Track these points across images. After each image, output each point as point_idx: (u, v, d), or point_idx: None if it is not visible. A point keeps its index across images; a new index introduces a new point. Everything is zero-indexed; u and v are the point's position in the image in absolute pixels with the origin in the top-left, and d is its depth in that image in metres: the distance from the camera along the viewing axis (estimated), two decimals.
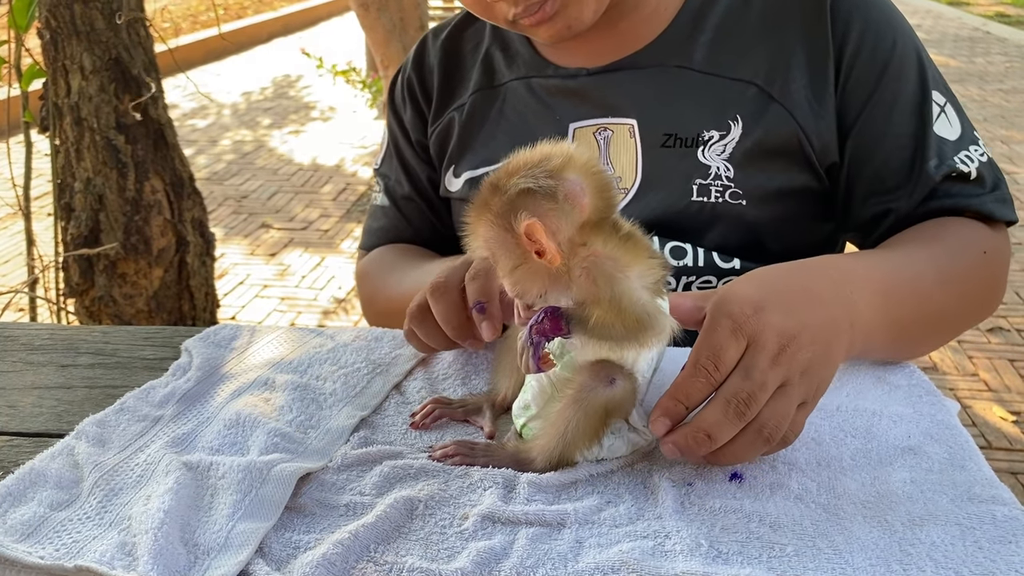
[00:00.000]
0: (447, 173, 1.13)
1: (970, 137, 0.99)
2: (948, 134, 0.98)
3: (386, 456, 0.73)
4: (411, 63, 1.18)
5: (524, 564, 0.60)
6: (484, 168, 1.07)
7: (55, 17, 2.07)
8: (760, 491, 0.68)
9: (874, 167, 0.98)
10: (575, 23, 0.95)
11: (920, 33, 8.07)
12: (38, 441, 0.78)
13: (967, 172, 0.96)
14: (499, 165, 1.05)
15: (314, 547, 0.62)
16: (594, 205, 0.66)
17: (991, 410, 2.73)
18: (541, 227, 0.64)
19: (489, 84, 1.10)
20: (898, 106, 0.97)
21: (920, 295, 0.86)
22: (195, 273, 2.36)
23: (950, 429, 0.77)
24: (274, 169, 5.26)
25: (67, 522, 0.65)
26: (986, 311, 0.99)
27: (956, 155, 0.97)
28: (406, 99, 1.18)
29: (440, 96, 1.14)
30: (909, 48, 0.99)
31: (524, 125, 1.06)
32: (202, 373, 0.86)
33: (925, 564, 0.60)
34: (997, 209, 0.96)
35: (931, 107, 0.98)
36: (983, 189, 0.97)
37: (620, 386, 0.68)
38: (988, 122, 5.99)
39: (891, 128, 0.97)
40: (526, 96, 1.07)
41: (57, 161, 2.20)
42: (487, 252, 0.68)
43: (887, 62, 0.97)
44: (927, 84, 0.98)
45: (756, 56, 0.99)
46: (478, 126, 1.10)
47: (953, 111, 0.99)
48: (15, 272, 3.81)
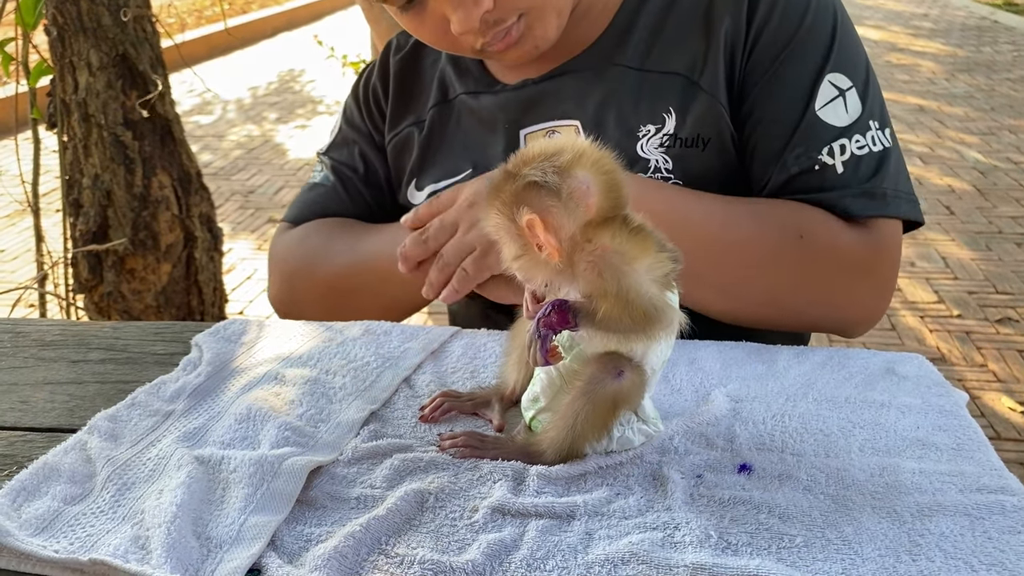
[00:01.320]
0: (408, 186, 1.14)
1: (863, 125, 0.97)
2: (836, 120, 0.96)
3: (396, 449, 0.74)
4: (376, 71, 1.19)
5: (534, 556, 0.61)
6: (446, 181, 1.09)
7: (62, 14, 2.08)
8: (769, 482, 0.69)
9: (752, 149, 1.00)
10: (541, 42, 0.98)
11: (927, 23, 7.99)
12: (51, 436, 0.78)
13: (831, 165, 0.95)
14: (463, 175, 1.08)
15: (326, 540, 0.62)
16: (601, 204, 0.66)
17: (1000, 401, 2.73)
18: (541, 224, 0.64)
19: (444, 99, 1.12)
20: (786, 90, 0.97)
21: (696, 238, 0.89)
22: (203, 268, 2.36)
23: (959, 420, 0.77)
24: (280, 164, 5.27)
25: (81, 516, 0.65)
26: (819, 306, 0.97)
27: (830, 143, 0.95)
28: (371, 105, 1.19)
29: (395, 108, 1.16)
30: (820, 29, 0.98)
31: (480, 138, 1.09)
32: (212, 368, 0.87)
33: (935, 555, 0.60)
34: (855, 205, 0.94)
35: (818, 91, 0.96)
36: (848, 183, 0.95)
37: (628, 378, 0.68)
38: (996, 112, 5.97)
39: (773, 112, 0.98)
40: (478, 110, 1.09)
41: (65, 157, 2.21)
42: (495, 236, 0.69)
43: (786, 44, 0.97)
44: (825, 67, 0.97)
45: (685, 48, 1.01)
46: (438, 140, 1.12)
47: (857, 96, 0.97)
48: (24, 268, 3.82)
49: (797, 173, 0.96)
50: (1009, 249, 3.82)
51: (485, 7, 0.91)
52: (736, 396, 0.81)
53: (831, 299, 0.97)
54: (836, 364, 0.87)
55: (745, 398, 0.81)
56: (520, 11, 0.94)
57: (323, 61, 5.85)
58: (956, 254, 3.77)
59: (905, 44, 8.50)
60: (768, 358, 0.88)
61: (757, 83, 0.98)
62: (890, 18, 10.04)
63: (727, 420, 0.77)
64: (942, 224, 4.05)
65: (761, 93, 0.98)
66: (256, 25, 9.40)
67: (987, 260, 3.72)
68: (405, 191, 1.15)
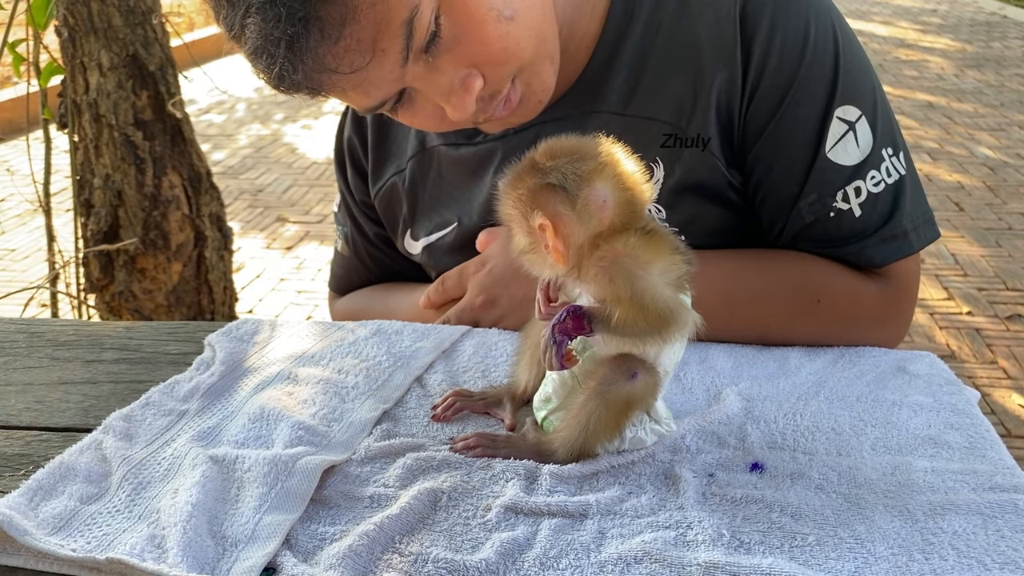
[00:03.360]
0: (405, 236, 1.14)
1: (876, 158, 0.93)
2: (847, 159, 0.92)
3: (409, 448, 0.74)
4: (350, 123, 1.16)
5: (547, 555, 0.61)
6: (439, 233, 1.08)
7: (73, 15, 2.09)
8: (781, 481, 0.69)
9: (763, 198, 0.96)
10: (543, 95, 0.92)
11: (935, 18, 7.95)
12: (66, 436, 0.79)
13: (847, 210, 0.92)
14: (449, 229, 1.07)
15: (340, 539, 0.63)
16: (616, 218, 0.66)
17: (1010, 398, 2.72)
18: (552, 230, 0.64)
19: (422, 148, 1.09)
20: (794, 136, 0.93)
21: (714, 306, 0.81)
22: (213, 267, 2.37)
23: (970, 418, 0.77)
24: (289, 163, 5.28)
25: (97, 515, 0.66)
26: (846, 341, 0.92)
27: (844, 188, 0.92)
28: (347, 161, 1.17)
29: (376, 159, 1.13)
30: (822, 63, 0.93)
31: (462, 189, 1.06)
32: (226, 367, 0.87)
33: (947, 553, 0.60)
34: (877, 254, 0.93)
35: (828, 130, 0.92)
36: (866, 230, 0.92)
37: (641, 380, 0.68)
38: (1005, 108, 5.94)
39: (781, 160, 0.93)
40: (460, 161, 1.06)
41: (76, 158, 2.22)
42: (509, 224, 0.69)
43: (788, 86, 0.92)
44: (832, 104, 0.92)
45: (668, 92, 0.95)
46: (422, 190, 1.10)
47: (867, 125, 0.93)
48: (36, 268, 3.84)
49: (812, 222, 0.93)
50: (1019, 245, 3.80)
51: (476, 89, 0.84)
52: (748, 395, 0.81)
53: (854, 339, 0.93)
54: (847, 362, 0.87)
55: (757, 397, 0.81)
56: (512, 75, 0.87)
57: None
58: (966, 251, 3.76)
59: (914, 40, 8.47)
60: (779, 357, 0.88)
61: (762, 131, 0.93)
62: (898, 13, 10.00)
63: (739, 419, 0.77)
64: (952, 221, 4.04)
65: (767, 141, 0.93)
66: None
67: (997, 256, 3.71)
68: (402, 241, 1.14)
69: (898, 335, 0.98)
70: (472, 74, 0.84)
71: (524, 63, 0.87)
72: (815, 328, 0.92)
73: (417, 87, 0.85)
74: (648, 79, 0.96)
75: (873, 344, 0.92)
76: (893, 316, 0.96)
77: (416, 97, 0.87)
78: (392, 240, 1.18)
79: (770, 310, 0.93)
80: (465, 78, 0.84)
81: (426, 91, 0.85)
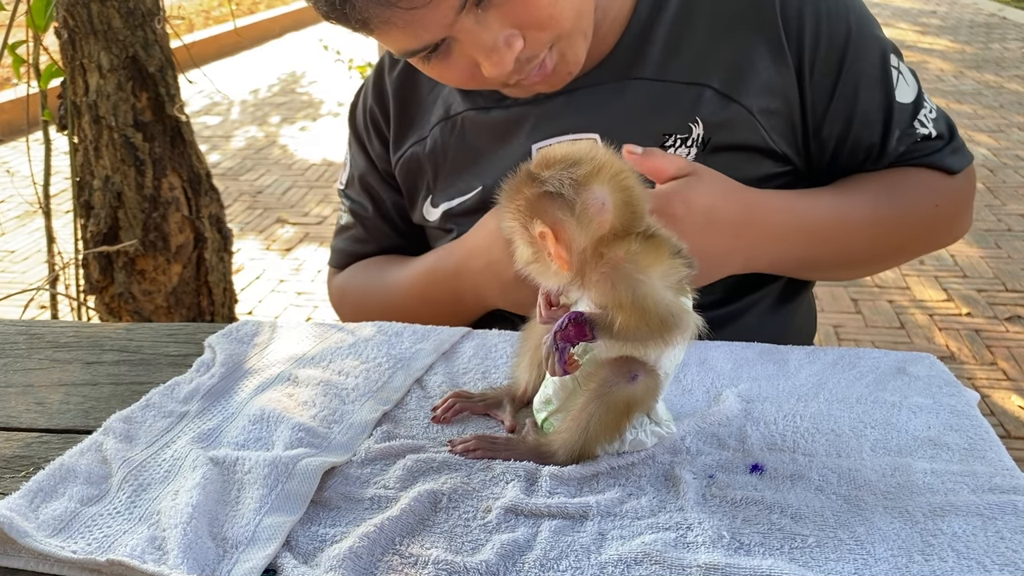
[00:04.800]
0: (424, 203, 1.14)
1: (921, 93, 1.06)
2: (906, 97, 1.04)
3: (409, 450, 0.74)
4: (371, 93, 1.18)
5: (548, 556, 0.61)
6: (459, 199, 1.09)
7: (73, 16, 2.09)
8: (781, 482, 0.69)
9: (848, 148, 1.05)
10: (573, 67, 0.96)
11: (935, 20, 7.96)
12: (66, 437, 0.79)
13: (927, 133, 1.04)
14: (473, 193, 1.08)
15: (340, 540, 0.63)
16: (616, 221, 0.65)
17: (1010, 400, 2.72)
18: (553, 237, 0.64)
19: (447, 115, 1.10)
20: (863, 86, 1.02)
21: (843, 239, 1.01)
22: (213, 269, 2.37)
23: (970, 419, 0.77)
24: (288, 164, 5.28)
25: (98, 517, 0.66)
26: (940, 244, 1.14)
27: (915, 119, 1.04)
28: (370, 130, 1.18)
29: (398, 129, 1.15)
30: (864, 23, 1.03)
31: (489, 153, 1.07)
32: (226, 369, 0.87)
33: (947, 555, 0.60)
34: (955, 162, 1.06)
35: (891, 78, 1.03)
36: (941, 143, 1.05)
37: (642, 382, 0.68)
38: (1005, 108, 5.94)
39: (859, 108, 1.02)
40: (488, 125, 1.07)
41: (76, 159, 2.22)
42: (510, 237, 0.69)
43: (845, 47, 1.01)
44: (886, 54, 1.03)
45: (709, 59, 1.00)
46: (445, 158, 1.11)
47: (907, 69, 1.06)
48: (35, 269, 3.84)
49: (904, 151, 1.04)
50: (1019, 247, 3.81)
51: (517, 49, 0.89)
52: (747, 396, 0.81)
53: (945, 239, 1.13)
54: (847, 364, 0.87)
55: (756, 398, 0.81)
56: (551, 42, 0.92)
57: (330, 62, 5.86)
58: (965, 252, 3.76)
59: (913, 41, 8.47)
60: (779, 358, 0.89)
61: (832, 96, 1.02)
62: (898, 15, 10.00)
63: (739, 420, 0.77)
64: None
65: (840, 104, 1.02)
66: (264, 25, 9.42)
67: (996, 258, 3.71)
68: (420, 208, 1.15)
69: (968, 224, 1.14)
70: (515, 34, 0.88)
71: (562, 32, 0.92)
72: (936, 230, 1.09)
73: (460, 39, 0.89)
74: (686, 47, 1.01)
75: (965, 229, 1.13)
76: (969, 209, 1.13)
77: (454, 49, 0.91)
78: (407, 210, 1.19)
79: (906, 222, 1.04)
80: (508, 37, 0.88)
81: (469, 44, 0.89)
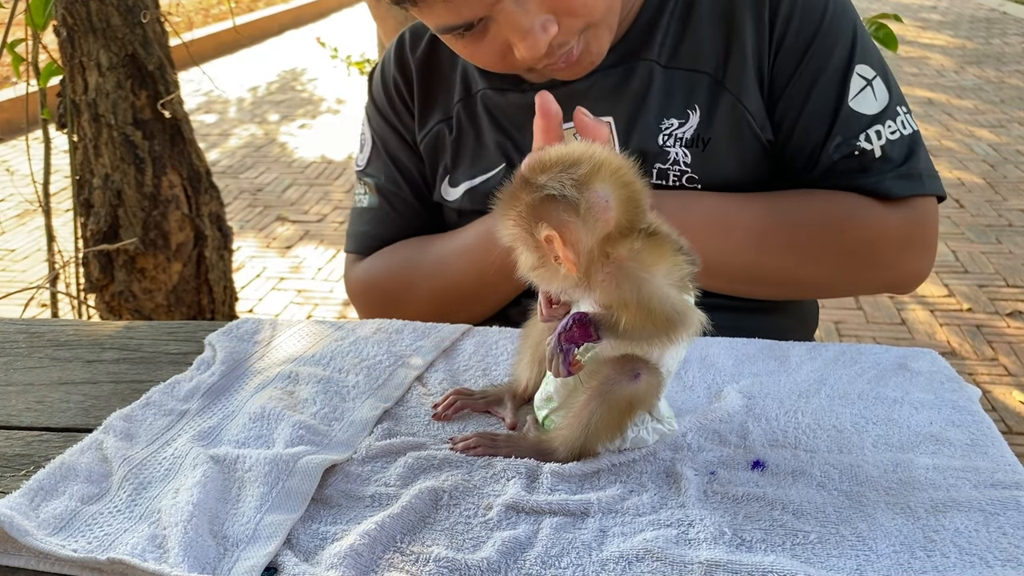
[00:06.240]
0: (442, 183, 1.14)
1: (892, 111, 1.02)
2: (867, 108, 1.01)
3: (410, 447, 0.74)
4: (393, 64, 1.17)
5: (549, 553, 0.61)
6: (481, 177, 1.09)
7: (71, 14, 2.08)
8: (782, 479, 0.69)
9: (792, 145, 1.03)
10: (596, 58, 1.00)
11: (935, 15, 7.91)
12: (67, 436, 0.79)
13: (869, 150, 1.00)
14: (497, 170, 1.07)
15: (341, 538, 0.63)
16: (621, 218, 0.65)
17: (1011, 395, 2.72)
18: (559, 239, 0.64)
19: (467, 94, 1.11)
20: (818, 84, 1.01)
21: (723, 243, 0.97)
22: (213, 267, 2.37)
23: (972, 415, 0.77)
24: (288, 162, 5.28)
25: (98, 515, 0.66)
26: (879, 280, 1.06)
27: (866, 131, 1.00)
28: (395, 100, 1.17)
29: (423, 106, 1.15)
30: (842, 23, 1.02)
31: (510, 133, 1.08)
32: (226, 367, 0.87)
33: (949, 550, 0.60)
34: (895, 187, 1.00)
35: (850, 83, 1.01)
36: (886, 165, 1.00)
37: (644, 380, 0.68)
38: (1005, 104, 5.93)
39: (808, 106, 1.01)
40: (505, 107, 1.08)
41: (75, 157, 2.22)
42: (512, 245, 0.68)
43: (811, 40, 1.01)
44: (853, 59, 1.02)
45: (710, 46, 1.03)
46: (467, 136, 1.11)
47: (883, 84, 1.03)
48: (35, 268, 3.84)
49: (838, 160, 1.01)
50: (1019, 242, 3.80)
51: (552, 34, 0.92)
52: (748, 393, 0.81)
53: (880, 275, 1.05)
54: (848, 360, 0.87)
55: (758, 395, 0.81)
56: (582, 30, 0.95)
57: (328, 60, 5.85)
58: (966, 248, 3.76)
59: (913, 36, 8.46)
60: (780, 354, 0.88)
61: (789, 81, 1.01)
62: (898, 10, 9.99)
63: (740, 417, 0.77)
64: (952, 217, 4.03)
65: (794, 90, 1.02)
66: (262, 23, 9.40)
67: (997, 253, 3.70)
68: (439, 188, 1.14)
69: (928, 258, 1.05)
70: (551, 19, 0.92)
71: (593, 21, 0.95)
72: (844, 257, 1.01)
73: (499, 20, 0.92)
74: (691, 35, 1.04)
75: (908, 271, 1.04)
76: (917, 245, 1.03)
77: (491, 29, 0.93)
78: (426, 190, 1.18)
79: (799, 242, 1.00)
80: (545, 22, 0.91)
81: (506, 25, 0.92)
